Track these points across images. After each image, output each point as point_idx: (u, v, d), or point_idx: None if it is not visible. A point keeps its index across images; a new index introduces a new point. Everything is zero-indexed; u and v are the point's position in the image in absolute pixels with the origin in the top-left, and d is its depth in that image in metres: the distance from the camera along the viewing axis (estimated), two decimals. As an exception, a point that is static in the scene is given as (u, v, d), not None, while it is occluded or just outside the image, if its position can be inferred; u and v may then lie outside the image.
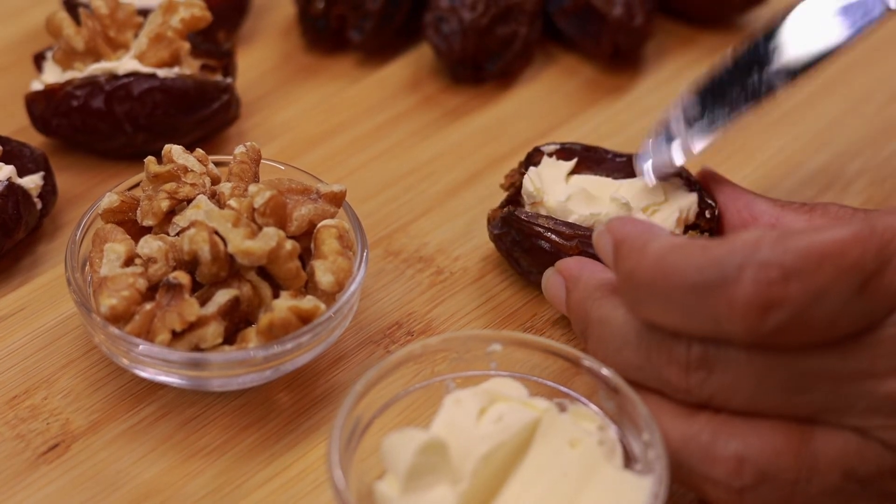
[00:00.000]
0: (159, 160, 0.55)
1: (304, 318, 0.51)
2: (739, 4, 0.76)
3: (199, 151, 0.56)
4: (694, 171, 0.59)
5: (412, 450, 0.45)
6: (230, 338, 0.52)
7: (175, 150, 0.56)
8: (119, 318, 0.50)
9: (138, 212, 0.54)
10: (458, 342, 0.50)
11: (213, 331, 0.50)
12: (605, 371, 0.48)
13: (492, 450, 0.45)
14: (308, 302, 0.51)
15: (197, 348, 0.51)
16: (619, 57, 0.73)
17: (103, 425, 0.53)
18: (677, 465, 0.46)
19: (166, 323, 0.50)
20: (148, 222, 0.54)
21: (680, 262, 0.44)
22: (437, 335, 0.51)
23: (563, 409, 0.49)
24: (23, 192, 0.59)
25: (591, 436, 0.47)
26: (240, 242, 0.50)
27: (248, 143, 0.57)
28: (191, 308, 0.50)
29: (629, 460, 0.48)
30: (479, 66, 0.71)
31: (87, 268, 0.54)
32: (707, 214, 0.58)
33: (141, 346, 0.50)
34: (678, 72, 0.74)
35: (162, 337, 0.50)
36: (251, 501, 0.50)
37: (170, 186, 0.54)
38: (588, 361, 0.49)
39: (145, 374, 0.52)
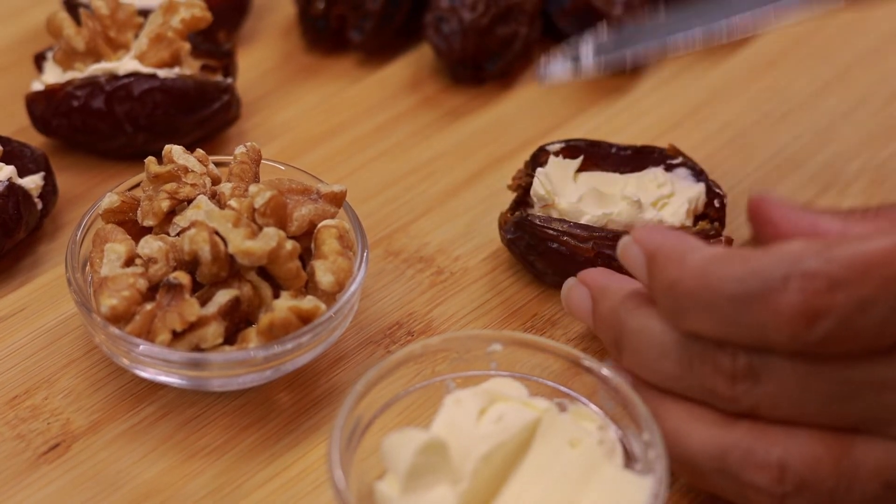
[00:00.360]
0: (160, 160, 0.55)
1: (305, 319, 0.51)
2: (739, 4, 0.76)
3: (200, 152, 0.56)
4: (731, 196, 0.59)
5: (412, 450, 0.45)
6: (230, 338, 0.52)
7: (175, 151, 0.56)
8: (119, 318, 0.50)
9: (139, 212, 0.54)
10: (459, 342, 0.50)
11: (214, 331, 0.50)
12: (605, 371, 0.48)
13: (492, 450, 0.45)
14: (308, 302, 0.51)
15: (197, 348, 0.51)
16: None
17: (104, 425, 0.53)
18: (716, 472, 0.46)
19: (167, 323, 0.50)
20: (148, 222, 0.54)
21: (723, 272, 0.44)
22: (437, 335, 0.51)
23: (563, 409, 0.49)
24: (23, 193, 0.59)
25: (591, 436, 0.47)
26: (240, 243, 0.50)
27: (249, 144, 0.57)
28: (191, 308, 0.50)
29: (629, 460, 0.48)
30: (480, 67, 0.71)
31: (88, 268, 0.54)
32: (716, 204, 0.58)
33: (141, 347, 0.50)
34: (678, 72, 0.74)
35: (162, 337, 0.50)
36: (251, 501, 0.50)
37: (170, 187, 0.54)
38: (588, 361, 0.49)
39: (146, 374, 0.52)
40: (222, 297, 0.51)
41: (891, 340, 0.43)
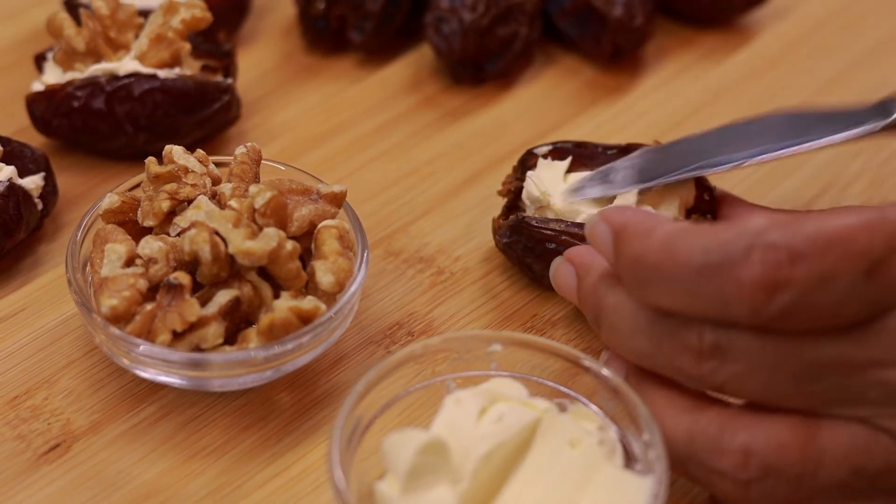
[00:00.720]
0: (160, 161, 0.55)
1: (305, 319, 0.51)
2: (739, 5, 0.77)
3: (200, 152, 0.56)
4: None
5: (412, 450, 0.45)
6: (231, 338, 0.52)
7: (176, 151, 0.56)
8: (120, 318, 0.50)
9: (139, 212, 0.54)
10: (459, 342, 0.50)
11: (214, 331, 0.50)
12: (605, 371, 0.48)
13: (492, 450, 0.45)
14: (308, 302, 0.51)
15: (197, 349, 0.51)
16: (619, 57, 0.73)
17: (104, 425, 0.53)
18: (686, 459, 0.46)
19: (167, 323, 0.50)
20: (148, 223, 0.54)
21: (688, 243, 0.44)
22: (437, 335, 0.51)
23: (563, 409, 0.49)
24: (23, 193, 0.59)
25: (591, 436, 0.47)
26: (240, 243, 0.50)
27: (249, 144, 0.57)
28: (191, 308, 0.50)
29: (629, 460, 0.48)
30: (480, 67, 0.71)
31: (88, 268, 0.54)
32: (706, 196, 0.58)
33: (141, 347, 0.50)
34: (678, 72, 0.74)
35: (163, 337, 0.50)
36: (252, 501, 0.50)
37: (170, 187, 0.54)
38: (588, 361, 0.49)
39: (146, 374, 0.52)
40: (222, 297, 0.51)
41: (851, 318, 0.43)
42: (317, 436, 0.53)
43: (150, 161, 0.55)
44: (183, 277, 0.51)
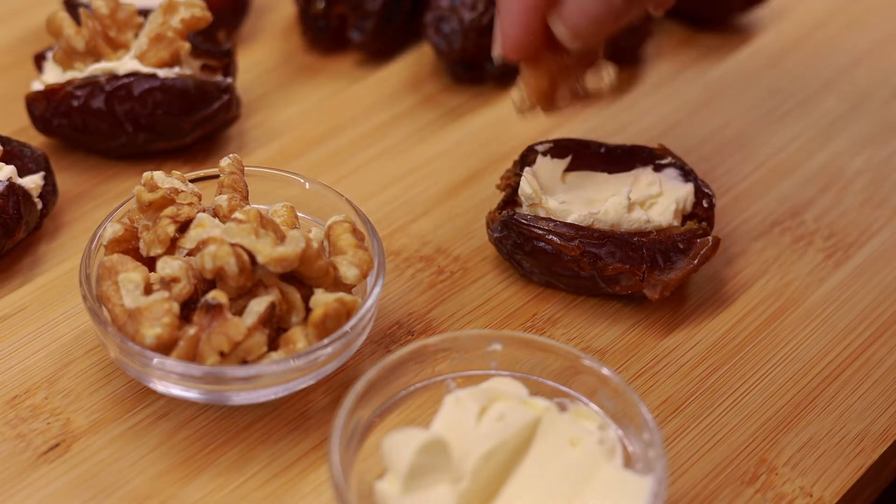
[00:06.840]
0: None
1: (349, 311, 0.51)
2: (739, 4, 0.77)
3: (176, 172, 0.55)
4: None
5: (412, 449, 0.45)
6: (270, 346, 0.51)
7: (158, 176, 0.54)
8: (165, 346, 0.49)
9: (140, 244, 0.53)
10: (459, 341, 0.50)
11: (258, 341, 0.49)
12: (605, 371, 0.48)
13: (492, 449, 0.45)
14: (346, 295, 0.51)
15: (244, 362, 0.50)
16: (619, 56, 0.73)
17: (104, 425, 0.53)
18: None
19: (213, 345, 0.49)
20: (156, 251, 0.52)
21: None
22: (437, 334, 0.51)
23: (563, 408, 0.49)
24: (23, 192, 0.59)
25: (591, 435, 0.47)
26: (271, 251, 0.49)
27: (232, 155, 0.55)
28: (237, 327, 0.49)
29: (629, 460, 0.48)
30: (480, 66, 0.71)
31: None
32: (704, 204, 0.58)
33: (194, 370, 0.49)
34: (678, 72, 0.74)
35: (212, 360, 0.49)
36: (251, 501, 0.50)
37: (170, 211, 0.52)
38: (588, 361, 0.49)
39: (189, 394, 0.51)
40: (258, 305, 0.50)
41: None
42: (316, 435, 0.53)
43: (140, 191, 0.53)
44: (221, 296, 0.49)
